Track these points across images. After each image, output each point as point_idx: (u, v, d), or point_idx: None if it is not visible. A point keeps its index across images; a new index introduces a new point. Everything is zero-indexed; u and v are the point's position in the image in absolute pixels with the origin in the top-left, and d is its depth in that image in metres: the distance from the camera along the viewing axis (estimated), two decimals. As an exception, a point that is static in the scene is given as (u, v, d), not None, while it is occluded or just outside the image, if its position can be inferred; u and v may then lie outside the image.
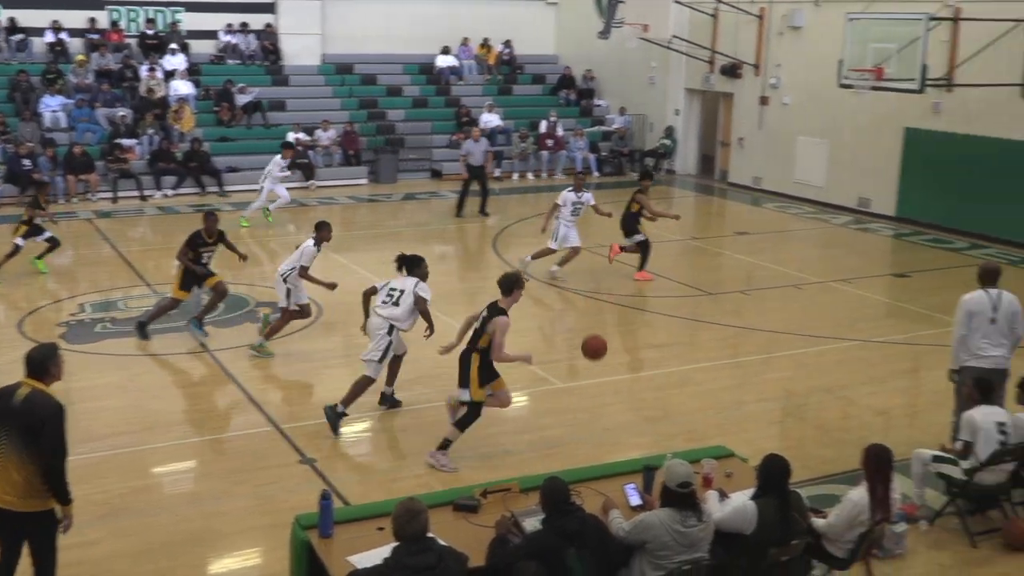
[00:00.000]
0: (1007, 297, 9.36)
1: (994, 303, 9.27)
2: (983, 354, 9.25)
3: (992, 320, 9.23)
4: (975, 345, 9.30)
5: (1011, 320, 9.27)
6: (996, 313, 9.23)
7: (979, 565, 7.91)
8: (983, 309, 9.27)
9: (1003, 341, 9.27)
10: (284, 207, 20.70)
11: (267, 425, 10.37)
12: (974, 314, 9.28)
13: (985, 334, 9.26)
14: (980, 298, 9.33)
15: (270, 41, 27.99)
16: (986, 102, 19.65)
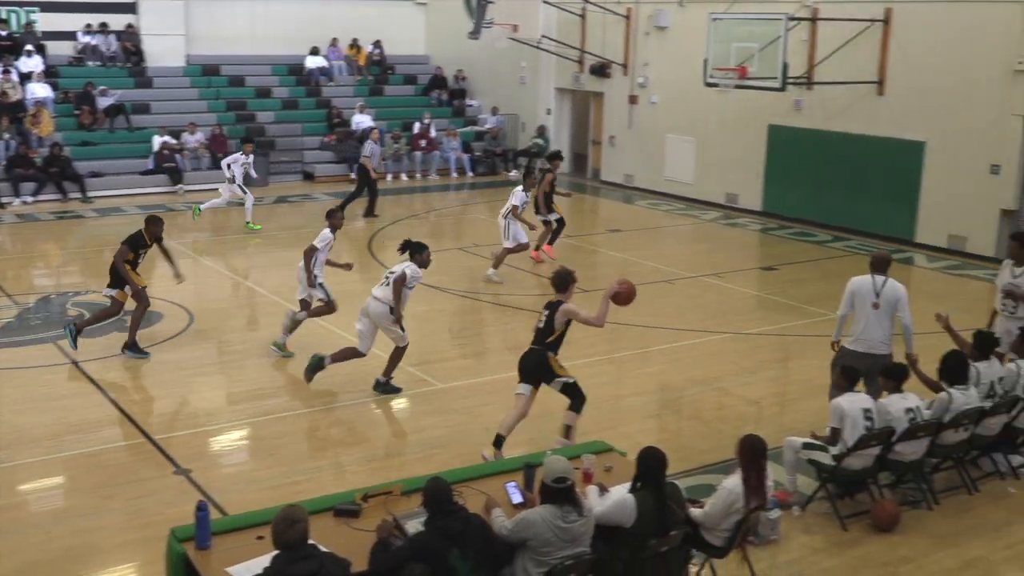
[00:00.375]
0: (891, 284, 9.73)
1: (877, 289, 9.66)
2: (861, 337, 9.69)
3: (875, 305, 9.63)
4: (855, 328, 9.76)
5: (893, 307, 9.65)
6: (878, 299, 9.62)
7: (850, 547, 8.17)
8: (866, 293, 9.69)
9: (883, 327, 9.65)
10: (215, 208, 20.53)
11: (139, 437, 10.08)
12: (856, 295, 9.73)
13: (866, 318, 9.66)
14: (865, 281, 9.75)
15: (132, 42, 27.21)
16: (844, 99, 20.37)
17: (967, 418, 8.91)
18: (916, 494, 9.01)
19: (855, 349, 9.75)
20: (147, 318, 13.81)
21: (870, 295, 9.70)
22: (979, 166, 18.35)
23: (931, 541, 8.29)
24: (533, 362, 9.54)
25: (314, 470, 9.35)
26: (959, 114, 18.54)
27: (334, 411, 10.83)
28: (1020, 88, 17.64)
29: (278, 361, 12.36)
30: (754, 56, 19.06)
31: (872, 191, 20.10)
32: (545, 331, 9.48)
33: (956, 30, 18.46)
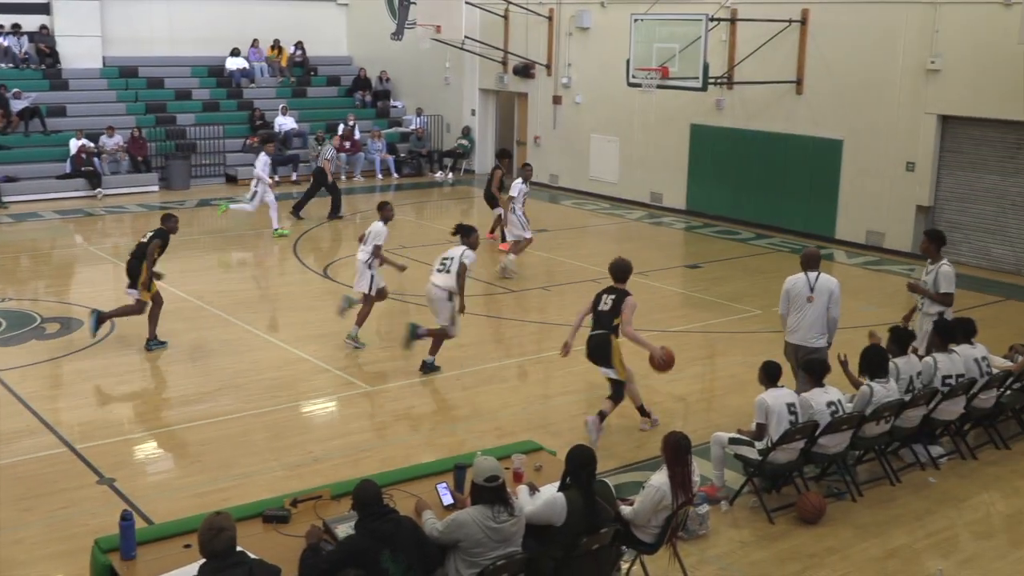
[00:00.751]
0: (824, 278, 10.17)
1: (811, 284, 10.08)
2: (798, 331, 10.14)
3: (809, 299, 10.05)
4: (791, 323, 10.17)
5: (827, 300, 10.08)
6: (813, 292, 10.04)
7: (777, 539, 8.29)
8: (800, 290, 10.14)
9: (819, 320, 10.07)
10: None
11: (60, 446, 9.85)
12: (791, 292, 10.21)
13: (801, 313, 10.11)
14: (799, 279, 10.21)
15: (46, 44, 26.59)
16: (764, 99, 20.69)
17: (888, 411, 9.11)
18: (840, 486, 9.19)
19: (792, 342, 10.16)
20: (67, 325, 13.57)
21: (804, 290, 10.10)
22: (895, 164, 18.78)
23: (855, 531, 8.45)
24: (597, 343, 10.18)
25: (241, 476, 9.24)
26: (875, 113, 18.95)
27: (261, 416, 10.70)
28: (932, 87, 18.08)
29: (203, 367, 12.18)
30: (675, 56, 19.26)
31: (793, 189, 20.45)
32: (611, 314, 10.08)
33: (870, 30, 18.87)
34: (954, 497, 9.19)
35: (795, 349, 10.14)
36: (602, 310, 10.18)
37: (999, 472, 9.76)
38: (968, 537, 8.50)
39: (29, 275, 16.86)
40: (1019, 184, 17.56)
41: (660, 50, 19.51)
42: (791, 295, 10.21)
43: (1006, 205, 17.77)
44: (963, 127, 18.14)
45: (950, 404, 9.75)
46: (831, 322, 10.15)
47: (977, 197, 18.12)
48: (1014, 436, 10.46)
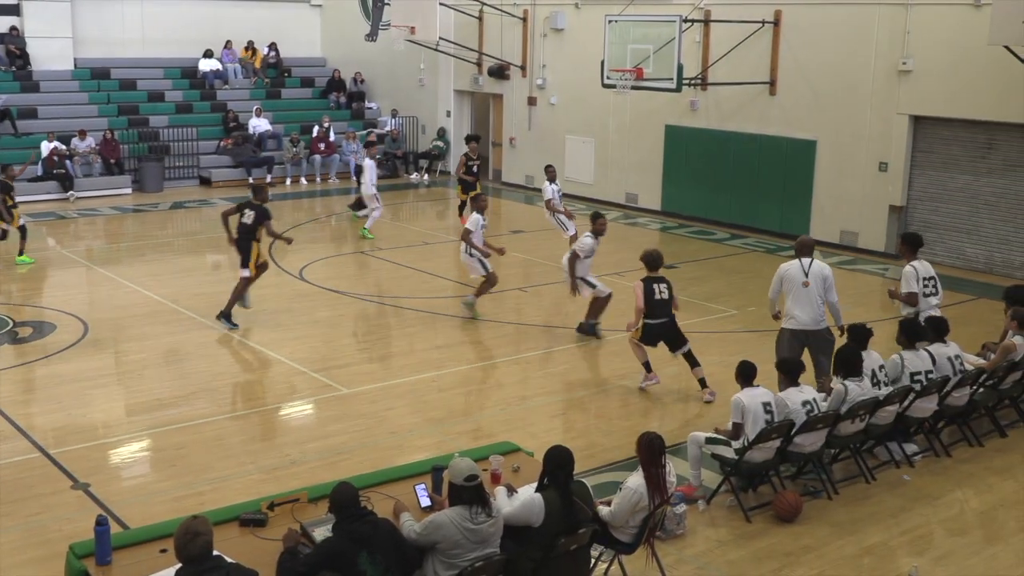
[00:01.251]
0: (817, 264, 10.61)
1: (805, 270, 10.47)
2: (795, 316, 10.47)
3: (804, 284, 10.40)
4: (789, 309, 10.49)
5: (822, 284, 10.46)
6: (808, 278, 10.42)
7: (754, 538, 8.33)
8: (795, 275, 10.48)
9: (816, 304, 10.43)
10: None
11: (34, 451, 9.77)
12: (785, 278, 10.57)
13: (797, 298, 10.45)
14: (793, 265, 10.58)
15: (16, 45, 26.37)
16: (738, 100, 20.79)
17: (863, 409, 9.16)
18: (816, 484, 9.23)
19: (792, 328, 10.47)
20: (39, 329, 13.47)
21: (799, 275, 10.45)
22: (868, 164, 18.90)
23: (831, 530, 8.50)
24: (670, 328, 11.36)
25: (218, 480, 9.19)
26: (848, 113, 19.07)
27: (237, 420, 10.66)
28: (905, 88, 18.22)
29: (178, 370, 12.12)
30: (650, 58, 19.31)
31: (767, 189, 20.55)
32: (669, 302, 11.25)
33: (843, 32, 18.99)
34: (928, 495, 9.26)
35: (801, 335, 10.46)
36: (661, 299, 11.16)
37: (973, 469, 9.84)
38: (942, 534, 8.57)
39: (1, 279, 16.71)
40: (991, 184, 17.72)
41: (634, 51, 19.56)
42: (784, 280, 10.55)
43: (978, 205, 17.92)
44: (935, 127, 18.28)
45: (923, 402, 9.82)
46: (833, 306, 10.57)
47: (949, 197, 18.26)
48: (987, 433, 10.55)
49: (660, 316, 11.19)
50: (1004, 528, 8.77)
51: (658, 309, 11.15)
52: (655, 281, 11.24)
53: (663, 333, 11.35)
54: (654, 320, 11.21)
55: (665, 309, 11.21)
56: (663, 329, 11.31)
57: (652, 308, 11.14)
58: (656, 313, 11.17)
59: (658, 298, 11.13)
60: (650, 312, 11.16)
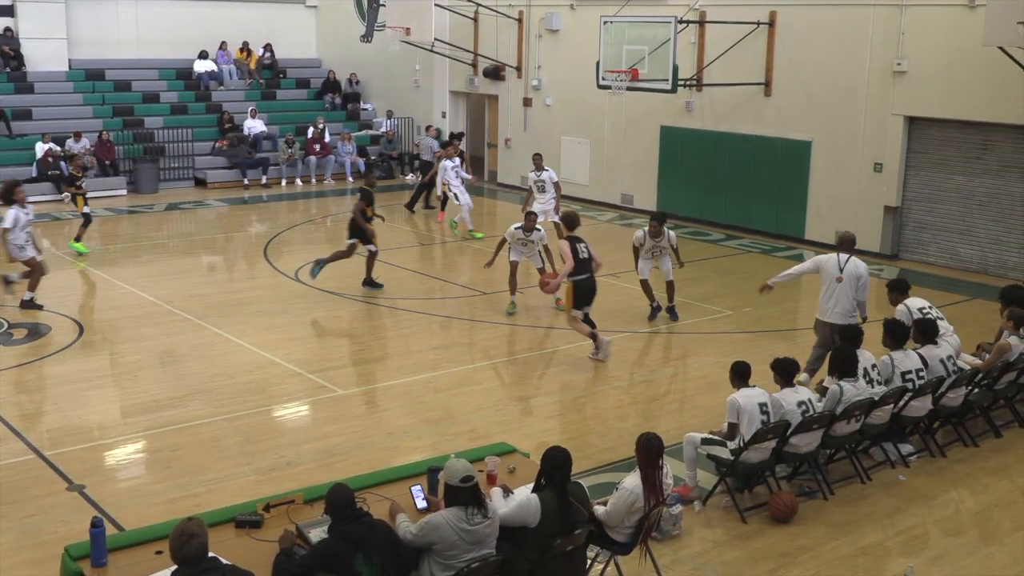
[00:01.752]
0: (854, 261, 10.95)
1: (841, 265, 10.86)
2: (826, 309, 10.92)
3: (838, 280, 10.80)
4: (822, 301, 11.03)
5: (856, 282, 10.84)
6: (842, 274, 10.81)
7: (750, 539, 8.34)
8: (831, 269, 10.90)
9: (848, 300, 10.83)
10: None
11: (29, 453, 9.76)
12: (821, 267, 11.03)
13: (829, 292, 10.90)
14: (830, 258, 11.00)
15: (10, 46, 26.32)
16: (733, 101, 20.81)
17: (858, 409, 9.17)
18: (812, 485, 9.24)
19: (824, 320, 10.85)
20: (34, 331, 13.45)
21: (834, 270, 10.87)
22: (863, 165, 18.93)
23: (827, 530, 8.51)
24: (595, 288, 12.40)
25: (213, 481, 9.18)
26: (843, 114, 19.10)
27: (232, 421, 10.64)
28: (899, 88, 18.25)
29: (173, 372, 12.12)
30: (645, 58, 19.32)
31: (762, 190, 20.57)
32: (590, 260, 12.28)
33: (838, 33, 19.02)
34: (924, 495, 9.27)
35: (828, 327, 10.83)
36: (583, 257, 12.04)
37: (968, 470, 9.86)
38: (938, 534, 8.58)
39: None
40: (985, 184, 17.75)
41: (630, 52, 19.57)
42: (822, 271, 11.02)
43: (972, 205, 17.95)
44: (929, 128, 18.32)
45: (918, 402, 9.84)
46: (861, 305, 10.98)
47: (944, 197, 18.29)
48: (982, 434, 10.57)
49: (584, 272, 11.97)
50: (999, 528, 8.78)
51: (582, 267, 11.95)
52: (577, 240, 12.05)
53: (591, 289, 12.13)
54: (581, 276, 11.97)
55: (587, 266, 12.04)
56: (591, 284, 12.11)
57: (578, 266, 11.92)
58: (581, 270, 11.95)
59: (582, 256, 11.96)
60: (578, 269, 11.93)
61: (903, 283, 11.23)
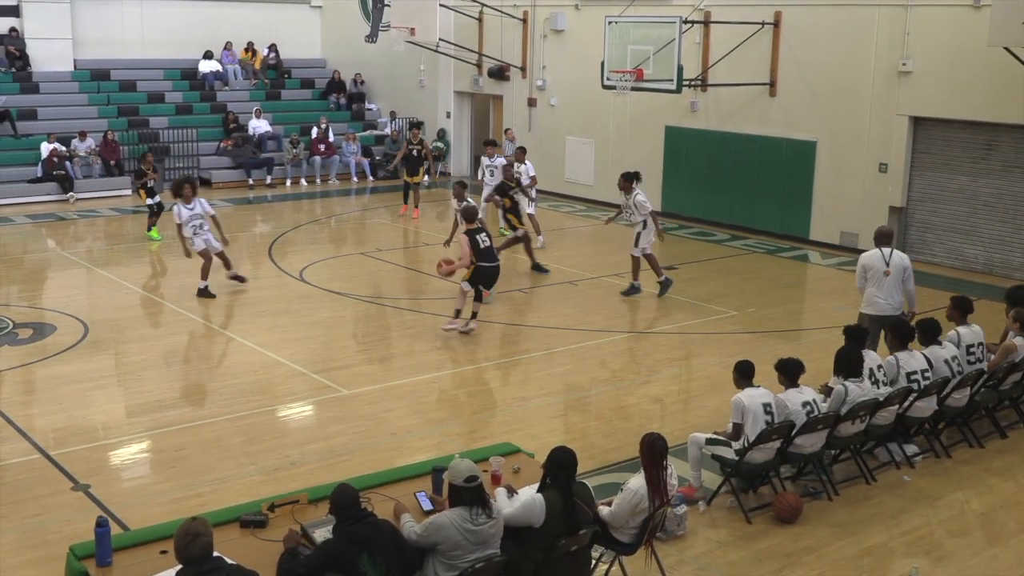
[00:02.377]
0: (897, 254, 11.23)
1: (886, 259, 11.11)
2: (876, 302, 11.12)
3: (886, 273, 11.05)
4: (870, 296, 11.20)
5: (902, 273, 11.12)
6: (889, 267, 11.07)
7: (754, 539, 8.33)
8: (876, 264, 11.14)
9: (896, 292, 11.10)
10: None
11: (34, 453, 9.77)
12: (867, 268, 11.21)
13: (879, 286, 11.13)
14: (874, 255, 11.20)
15: (16, 46, 26.37)
16: (738, 101, 20.79)
17: (863, 410, 9.16)
18: (816, 485, 9.23)
19: (871, 313, 11.04)
20: (40, 330, 13.47)
21: (881, 265, 11.12)
22: (868, 165, 18.90)
23: (832, 531, 8.50)
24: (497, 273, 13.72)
25: (218, 481, 9.19)
26: (848, 114, 19.08)
27: (237, 421, 10.65)
28: (904, 89, 18.22)
29: (178, 372, 12.14)
30: (650, 59, 19.30)
31: (767, 190, 20.55)
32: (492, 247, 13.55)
33: (843, 33, 18.99)
34: (929, 495, 9.26)
35: (877, 320, 10.99)
36: (486, 247, 13.27)
37: (973, 471, 9.84)
38: (943, 535, 8.57)
39: (0, 280, 16.72)
40: (989, 185, 17.72)
41: (634, 52, 19.55)
42: (868, 270, 11.16)
43: (977, 205, 17.92)
44: (934, 128, 18.29)
45: (923, 403, 9.83)
46: (909, 294, 11.22)
47: (949, 198, 18.27)
48: (987, 435, 10.55)
49: (491, 260, 13.31)
50: (1004, 529, 8.77)
51: (487, 255, 13.21)
52: (476, 232, 13.21)
53: (493, 275, 13.46)
54: (488, 263, 13.25)
55: (492, 254, 13.32)
56: (495, 271, 13.44)
57: (482, 255, 13.13)
58: (487, 258, 13.22)
59: (483, 246, 13.17)
60: (482, 258, 13.13)
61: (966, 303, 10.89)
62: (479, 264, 13.19)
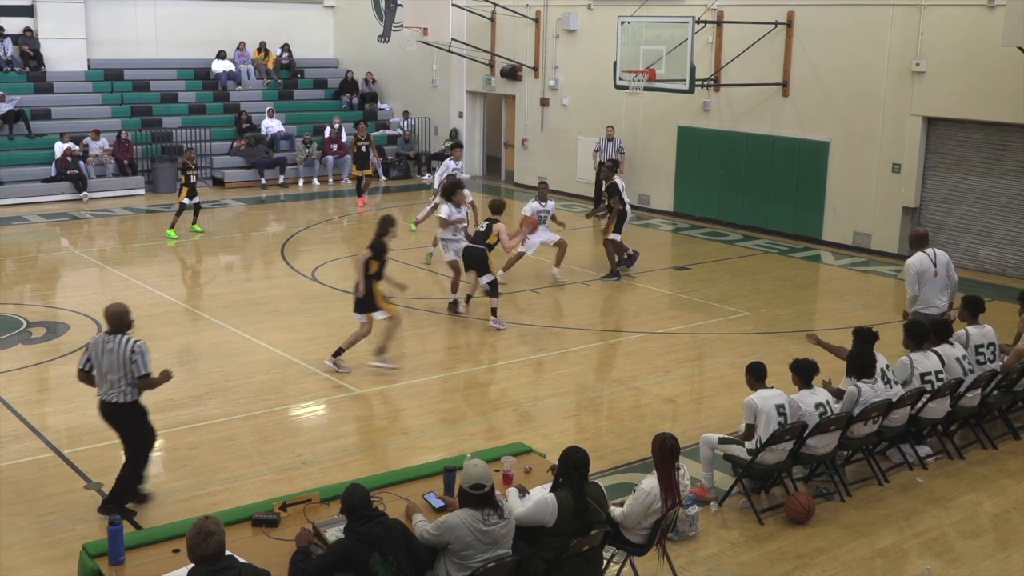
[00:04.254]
0: (940, 252, 11.35)
1: (932, 260, 11.15)
2: (932, 304, 11.10)
3: (935, 274, 11.10)
4: (924, 298, 11.12)
5: (948, 270, 11.25)
6: (936, 267, 11.11)
7: (766, 540, 8.31)
8: (926, 267, 11.12)
9: (945, 291, 11.22)
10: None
11: (47, 451, 9.81)
12: (921, 272, 11.10)
13: (933, 287, 11.14)
14: (922, 259, 11.16)
15: (30, 46, 26.49)
16: (751, 101, 20.75)
17: (875, 411, 9.13)
18: (829, 486, 9.21)
19: (928, 312, 10.98)
20: (53, 329, 13.52)
21: (931, 267, 11.13)
22: (881, 165, 18.84)
23: (844, 532, 8.48)
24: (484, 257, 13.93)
25: (230, 480, 9.22)
26: (861, 114, 19.02)
27: (249, 420, 10.67)
28: (918, 89, 18.16)
29: (190, 371, 12.17)
30: (662, 59, 19.28)
31: (780, 191, 20.50)
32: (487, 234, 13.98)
33: (856, 33, 18.93)
34: (941, 497, 9.23)
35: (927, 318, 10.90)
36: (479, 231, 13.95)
37: (986, 472, 9.81)
38: (956, 536, 8.54)
39: (14, 279, 16.80)
40: (1003, 185, 17.65)
41: (647, 52, 19.54)
42: (923, 274, 11.06)
43: (991, 206, 17.85)
44: (948, 129, 18.22)
45: (936, 404, 9.79)
46: (955, 283, 11.36)
47: (962, 198, 18.20)
48: (1001, 436, 10.52)
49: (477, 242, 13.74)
50: (1018, 531, 8.73)
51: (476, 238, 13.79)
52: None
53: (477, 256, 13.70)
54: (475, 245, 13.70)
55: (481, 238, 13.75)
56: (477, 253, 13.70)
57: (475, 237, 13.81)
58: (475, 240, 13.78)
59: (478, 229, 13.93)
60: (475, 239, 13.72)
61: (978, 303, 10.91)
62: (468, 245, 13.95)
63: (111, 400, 8.26)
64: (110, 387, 8.25)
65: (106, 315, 8.39)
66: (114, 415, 8.33)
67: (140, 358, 8.24)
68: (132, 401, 8.29)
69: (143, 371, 8.26)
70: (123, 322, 8.37)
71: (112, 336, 8.26)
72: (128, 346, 8.21)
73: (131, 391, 8.28)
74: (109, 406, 8.29)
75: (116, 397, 8.24)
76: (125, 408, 8.29)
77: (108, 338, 8.25)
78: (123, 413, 8.31)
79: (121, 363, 8.18)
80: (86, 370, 8.41)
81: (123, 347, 8.19)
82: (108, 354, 8.20)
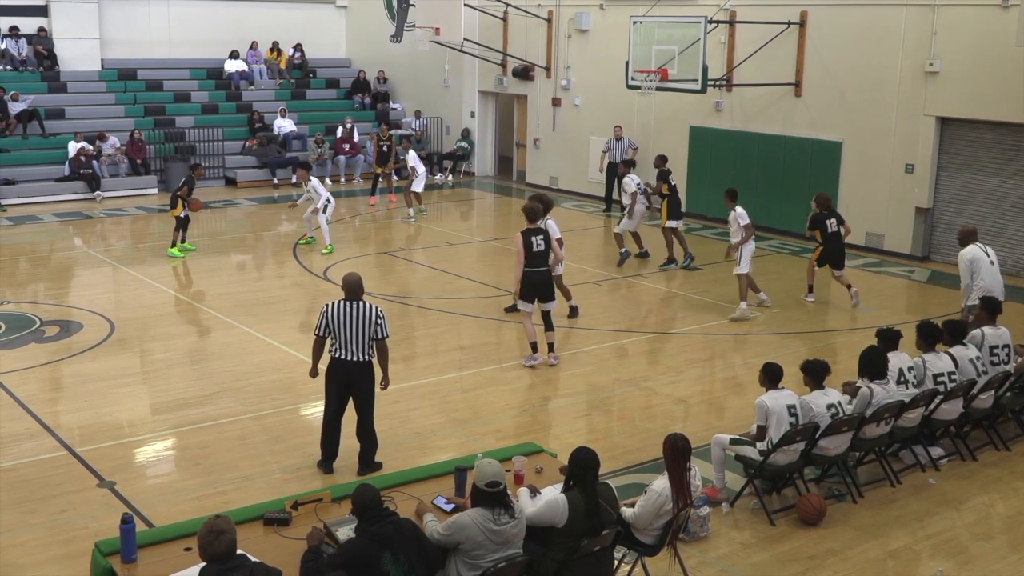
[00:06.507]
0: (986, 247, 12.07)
1: (984, 250, 11.95)
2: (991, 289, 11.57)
3: (991, 263, 11.86)
4: (986, 286, 11.65)
5: (998, 260, 12.08)
6: (990, 256, 11.92)
7: (778, 541, 8.29)
8: (980, 257, 11.83)
9: (1000, 277, 11.95)
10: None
11: (60, 450, 9.85)
12: (975, 261, 11.81)
13: (992, 279, 11.81)
14: (976, 251, 11.89)
15: (44, 46, 26.59)
16: (763, 101, 20.70)
17: (888, 412, 9.11)
18: (840, 487, 9.18)
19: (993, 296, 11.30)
20: (66, 328, 13.57)
21: (986, 258, 11.85)
22: (894, 166, 18.78)
23: (856, 533, 8.45)
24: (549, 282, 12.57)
25: (242, 479, 9.24)
26: (874, 115, 18.96)
27: (261, 419, 10.70)
28: (931, 89, 18.09)
29: (202, 370, 12.21)
30: (674, 58, 19.25)
31: (792, 191, 20.42)
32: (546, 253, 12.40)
33: (869, 33, 18.87)
34: (954, 498, 9.19)
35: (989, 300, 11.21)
36: (538, 250, 12.13)
37: (999, 473, 9.76)
38: (968, 538, 8.50)
39: (28, 278, 16.87)
40: (1017, 186, 17.56)
41: (659, 52, 19.51)
42: (975, 263, 11.77)
43: (1005, 207, 17.77)
44: (961, 129, 18.15)
45: (949, 405, 9.76)
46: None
47: (976, 199, 18.12)
48: (1014, 438, 10.47)
49: (539, 265, 12.17)
50: (1031, 533, 8.70)
51: (536, 260, 12.13)
52: (533, 233, 12.14)
53: (540, 283, 12.24)
54: (533, 268, 12.12)
55: (542, 260, 12.18)
56: (541, 278, 12.23)
57: (531, 259, 12.09)
58: (535, 263, 12.14)
59: (536, 250, 12.08)
60: (530, 262, 12.09)
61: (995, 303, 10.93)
62: (526, 269, 12.13)
63: (351, 359, 9.02)
64: (355, 347, 9.01)
65: (345, 284, 9.19)
66: (354, 373, 9.07)
67: (384, 321, 9.16)
68: (369, 360, 9.11)
69: (385, 334, 9.17)
70: (361, 289, 9.22)
71: (351, 303, 9.04)
72: (373, 311, 9.11)
73: (370, 351, 9.09)
74: (350, 365, 9.03)
75: (358, 356, 9.02)
76: (365, 365, 9.09)
77: (349, 304, 9.04)
78: (364, 371, 9.11)
79: (367, 325, 9.01)
80: (323, 336, 9.19)
81: (368, 311, 9.06)
82: (350, 318, 8.98)
